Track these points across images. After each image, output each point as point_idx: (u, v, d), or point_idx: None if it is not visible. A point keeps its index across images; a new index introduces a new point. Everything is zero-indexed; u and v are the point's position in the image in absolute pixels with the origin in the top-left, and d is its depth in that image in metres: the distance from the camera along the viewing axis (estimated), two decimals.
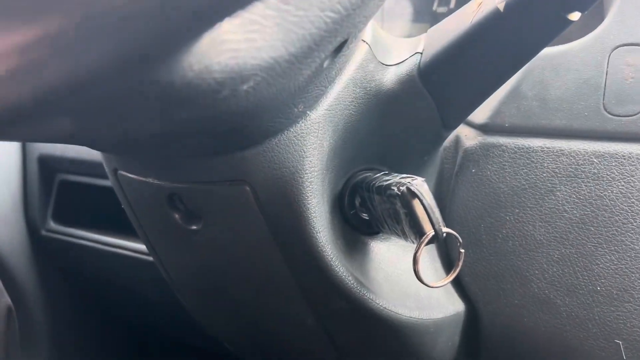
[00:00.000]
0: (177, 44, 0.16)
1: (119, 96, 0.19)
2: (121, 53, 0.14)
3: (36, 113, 0.18)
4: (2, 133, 0.23)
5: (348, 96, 0.37)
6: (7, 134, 0.24)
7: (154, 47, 0.15)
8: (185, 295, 0.52)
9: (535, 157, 0.42)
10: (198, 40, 0.19)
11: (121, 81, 0.17)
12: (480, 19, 0.35)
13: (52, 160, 0.83)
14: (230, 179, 0.36)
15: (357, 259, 0.41)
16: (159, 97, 0.21)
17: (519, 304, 0.43)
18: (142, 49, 0.15)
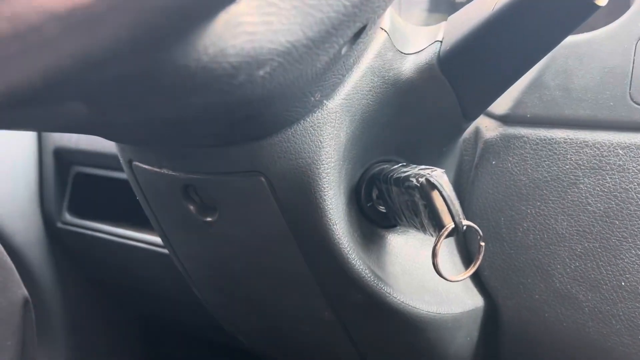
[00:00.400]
0: (191, 23, 0.15)
1: (133, 79, 0.19)
2: (134, 32, 0.14)
3: (48, 95, 0.18)
4: (15, 119, 0.23)
5: (366, 85, 0.36)
6: (20, 120, 0.24)
7: (167, 26, 0.14)
8: (200, 287, 0.52)
9: (558, 148, 0.41)
10: (213, 21, 0.18)
11: (135, 62, 0.16)
12: (503, 5, 0.34)
13: (68, 153, 0.83)
14: (245, 169, 0.36)
15: (374, 252, 0.41)
16: (174, 81, 0.20)
17: (539, 299, 0.42)
18: (155, 28, 0.14)
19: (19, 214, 0.83)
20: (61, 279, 0.88)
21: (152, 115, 0.26)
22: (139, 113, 0.25)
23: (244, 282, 0.46)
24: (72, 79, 0.15)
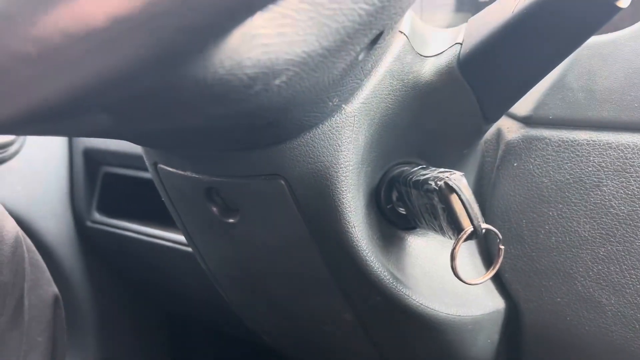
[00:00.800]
0: (206, 41, 0.16)
1: (153, 92, 0.20)
2: (154, 51, 0.14)
3: (74, 110, 0.19)
4: (41, 129, 0.24)
5: (385, 89, 0.37)
6: (46, 130, 0.25)
7: (183, 44, 0.15)
8: (224, 287, 0.53)
9: (581, 150, 0.40)
10: (228, 36, 0.19)
11: (154, 78, 0.17)
12: (523, 7, 0.34)
13: (97, 153, 0.86)
14: (265, 173, 0.36)
15: (394, 255, 0.41)
16: (192, 93, 0.21)
17: (561, 302, 0.42)
18: (172, 46, 0.15)
19: (51, 213, 0.86)
20: (91, 276, 0.90)
21: (173, 124, 0.26)
22: (160, 123, 0.25)
23: (265, 283, 0.47)
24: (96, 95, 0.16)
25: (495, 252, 0.43)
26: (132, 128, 0.28)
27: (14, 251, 0.60)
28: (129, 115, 0.23)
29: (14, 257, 0.59)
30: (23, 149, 0.81)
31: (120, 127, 0.26)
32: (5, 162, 0.79)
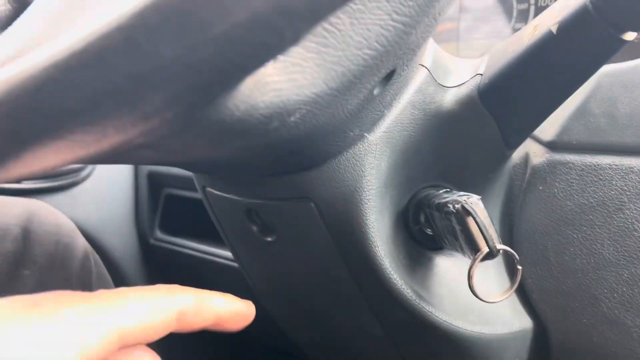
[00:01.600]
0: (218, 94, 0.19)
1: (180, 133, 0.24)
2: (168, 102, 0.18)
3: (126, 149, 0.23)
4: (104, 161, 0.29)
5: (406, 118, 0.39)
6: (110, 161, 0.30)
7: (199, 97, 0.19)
8: (265, 300, 0.57)
9: (604, 174, 0.41)
10: (241, 85, 0.23)
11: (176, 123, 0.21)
12: (535, 41, 0.36)
13: (159, 176, 0.92)
14: (297, 196, 0.40)
15: (420, 273, 0.43)
16: (215, 132, 0.24)
17: (588, 323, 0.43)
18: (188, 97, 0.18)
19: (117, 231, 0.93)
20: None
21: (207, 156, 0.31)
22: (195, 155, 0.30)
23: (302, 297, 0.50)
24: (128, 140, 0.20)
25: (525, 272, 0.45)
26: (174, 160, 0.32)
27: (83, 265, 0.66)
28: (168, 150, 0.27)
29: (82, 271, 0.66)
30: (94, 172, 0.89)
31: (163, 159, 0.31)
32: (78, 184, 0.87)
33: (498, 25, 0.62)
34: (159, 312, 0.27)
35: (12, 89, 0.18)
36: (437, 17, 0.30)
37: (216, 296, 0.32)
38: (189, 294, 0.30)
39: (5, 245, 0.60)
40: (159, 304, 0.28)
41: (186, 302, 0.29)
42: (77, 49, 0.17)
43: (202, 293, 0.31)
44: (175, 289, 0.29)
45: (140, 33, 0.16)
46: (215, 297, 0.32)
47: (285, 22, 0.17)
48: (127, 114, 0.18)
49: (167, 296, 0.28)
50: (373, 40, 0.27)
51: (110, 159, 0.29)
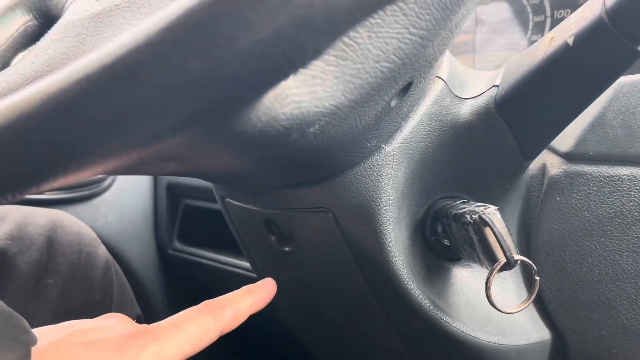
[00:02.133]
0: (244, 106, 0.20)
1: (203, 144, 0.24)
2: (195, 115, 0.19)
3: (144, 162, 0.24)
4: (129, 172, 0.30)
5: (423, 129, 0.40)
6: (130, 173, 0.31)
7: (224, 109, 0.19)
8: (284, 310, 0.57)
9: (622, 185, 0.41)
10: (263, 97, 0.23)
11: (200, 134, 0.22)
12: (551, 53, 0.37)
13: (178, 187, 0.94)
14: (314, 206, 0.40)
15: (437, 284, 0.43)
16: (237, 143, 0.25)
17: (607, 335, 0.42)
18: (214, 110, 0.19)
19: (137, 241, 0.95)
20: (170, 299, 0.98)
21: (228, 166, 0.31)
22: (217, 165, 0.30)
23: (319, 307, 0.51)
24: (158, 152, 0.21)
25: (543, 283, 0.45)
26: (196, 171, 0.33)
27: (104, 274, 0.67)
28: (192, 162, 0.28)
29: (104, 279, 0.67)
30: (115, 183, 0.91)
31: (187, 170, 0.32)
32: (100, 195, 0.88)
33: (514, 37, 0.62)
34: (206, 335, 0.35)
35: (45, 101, 0.19)
36: (453, 30, 0.31)
37: (246, 297, 0.39)
38: (228, 310, 0.37)
39: (31, 254, 0.61)
40: (207, 328, 0.35)
41: (226, 320, 0.37)
42: (107, 63, 0.18)
43: (236, 302, 0.38)
44: (216, 311, 0.36)
45: (169, 48, 0.17)
46: (245, 299, 0.38)
47: (307, 37, 0.17)
48: (155, 126, 0.18)
49: (212, 320, 0.36)
50: (391, 53, 0.27)
51: (135, 170, 0.30)
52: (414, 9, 0.27)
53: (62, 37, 0.36)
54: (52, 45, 0.36)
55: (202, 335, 0.35)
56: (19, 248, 0.61)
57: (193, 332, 0.35)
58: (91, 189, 0.87)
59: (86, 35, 0.33)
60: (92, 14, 0.35)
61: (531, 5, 0.65)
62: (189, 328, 0.35)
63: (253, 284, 0.41)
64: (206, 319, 0.36)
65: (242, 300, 0.39)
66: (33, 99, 0.19)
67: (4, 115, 0.20)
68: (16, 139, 0.20)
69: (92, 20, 0.34)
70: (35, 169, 0.20)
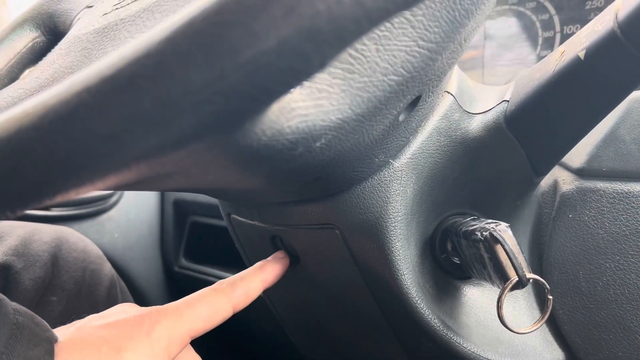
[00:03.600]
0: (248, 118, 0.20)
1: (207, 160, 0.24)
2: (197, 128, 0.18)
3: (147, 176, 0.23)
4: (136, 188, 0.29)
5: (432, 145, 0.39)
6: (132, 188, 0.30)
7: (227, 122, 0.19)
8: (290, 329, 0.56)
9: (636, 202, 0.40)
10: (268, 110, 0.23)
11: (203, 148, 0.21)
12: (562, 67, 0.36)
13: (185, 204, 0.93)
14: (321, 222, 0.40)
15: (447, 303, 0.42)
16: (242, 157, 0.25)
17: (622, 357, 0.41)
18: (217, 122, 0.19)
19: (143, 259, 0.94)
20: None
21: (234, 182, 0.31)
22: (223, 181, 0.30)
23: (326, 326, 0.50)
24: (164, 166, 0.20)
25: (556, 303, 0.44)
26: (201, 187, 0.33)
27: (109, 292, 0.67)
28: (196, 177, 0.28)
29: (108, 297, 0.66)
30: (121, 200, 0.90)
31: (191, 185, 0.31)
32: (106, 212, 0.88)
33: (523, 52, 0.62)
34: (218, 313, 0.37)
35: (44, 114, 0.18)
36: (462, 44, 0.30)
37: (257, 274, 0.41)
38: (239, 289, 0.39)
39: (35, 271, 0.61)
40: (218, 305, 0.37)
41: (238, 298, 0.38)
42: (108, 74, 0.17)
43: (247, 281, 0.40)
44: (228, 289, 0.38)
45: (170, 59, 0.17)
46: (256, 277, 0.41)
47: (312, 48, 0.17)
48: (156, 139, 0.18)
49: (224, 298, 0.38)
50: (399, 67, 0.27)
51: (137, 186, 0.30)
52: (422, 22, 0.27)
53: (68, 52, 0.36)
54: (57, 60, 0.36)
55: (214, 313, 0.37)
56: (23, 264, 0.61)
57: (205, 310, 0.37)
58: (97, 206, 0.86)
59: (91, 49, 0.33)
60: (97, 28, 0.35)
61: (540, 21, 0.64)
62: (201, 306, 0.37)
63: (264, 260, 0.43)
64: (218, 297, 0.38)
65: (253, 278, 0.41)
66: (32, 112, 0.19)
67: (3, 128, 0.20)
68: (15, 152, 0.19)
69: (98, 34, 0.34)
70: (35, 184, 0.20)
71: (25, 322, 0.31)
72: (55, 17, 0.50)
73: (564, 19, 0.62)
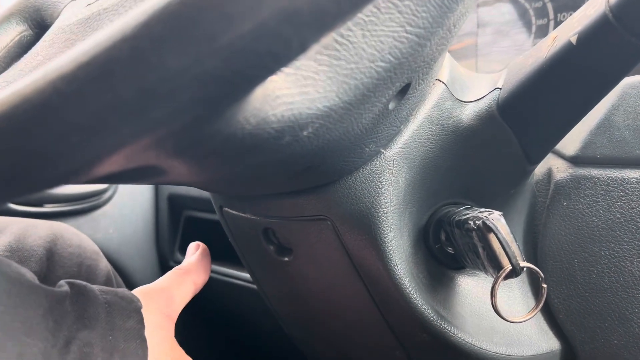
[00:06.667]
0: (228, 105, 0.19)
1: (190, 148, 0.23)
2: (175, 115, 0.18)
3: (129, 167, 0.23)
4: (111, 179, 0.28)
5: (424, 134, 0.39)
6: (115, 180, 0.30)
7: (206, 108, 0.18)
8: (284, 322, 0.56)
9: (631, 189, 0.40)
10: (251, 97, 0.22)
11: (186, 137, 0.21)
12: (554, 53, 0.35)
13: (180, 199, 0.93)
14: (313, 214, 0.39)
15: (441, 293, 0.42)
16: (227, 146, 0.24)
17: (618, 344, 0.41)
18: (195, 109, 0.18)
19: (138, 254, 0.94)
20: None
21: (220, 172, 0.30)
22: (209, 171, 0.29)
23: (320, 318, 0.49)
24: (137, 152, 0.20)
25: (552, 292, 0.44)
26: (189, 179, 0.32)
27: None
28: (183, 168, 0.27)
29: None
30: (115, 196, 0.90)
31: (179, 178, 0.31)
32: (100, 208, 0.87)
33: (518, 39, 0.61)
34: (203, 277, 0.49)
35: (18, 103, 0.18)
36: (451, 29, 0.30)
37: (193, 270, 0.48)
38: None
39: (30, 266, 0.60)
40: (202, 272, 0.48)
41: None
42: (82, 61, 0.17)
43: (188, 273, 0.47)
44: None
45: (146, 44, 0.16)
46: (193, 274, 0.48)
47: (291, 31, 0.16)
48: (132, 127, 0.17)
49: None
50: (386, 53, 0.26)
51: (120, 177, 0.29)
52: (409, 6, 0.26)
53: (52, 44, 0.35)
54: (41, 52, 0.36)
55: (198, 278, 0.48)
56: (17, 260, 0.60)
57: (196, 273, 0.48)
58: (92, 202, 0.86)
59: (74, 40, 0.33)
60: (81, 19, 0.34)
61: (534, 8, 0.64)
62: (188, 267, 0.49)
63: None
64: (196, 270, 0.48)
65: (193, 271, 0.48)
66: (6, 101, 0.19)
67: None
68: None
69: (81, 25, 0.34)
70: (10, 176, 0.19)
71: (113, 299, 0.35)
72: (42, 11, 0.49)
73: (557, 6, 0.61)
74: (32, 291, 0.31)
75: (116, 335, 0.33)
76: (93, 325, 0.32)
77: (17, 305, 0.29)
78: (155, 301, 0.40)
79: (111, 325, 0.33)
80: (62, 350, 0.29)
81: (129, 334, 0.33)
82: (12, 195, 0.21)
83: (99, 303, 0.34)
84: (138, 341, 0.34)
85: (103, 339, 0.32)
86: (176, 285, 0.44)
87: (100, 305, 0.34)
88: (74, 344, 0.30)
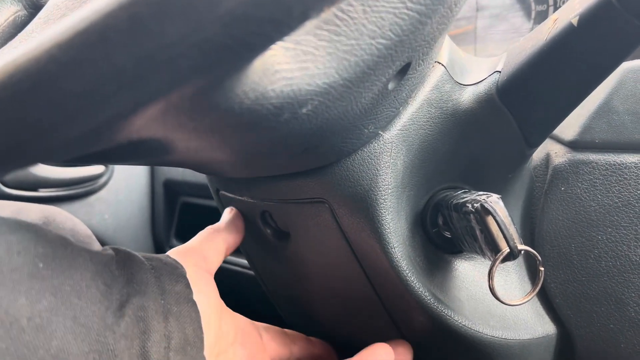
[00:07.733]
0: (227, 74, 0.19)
1: (188, 124, 0.23)
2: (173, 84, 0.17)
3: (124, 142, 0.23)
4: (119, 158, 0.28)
5: (423, 116, 0.38)
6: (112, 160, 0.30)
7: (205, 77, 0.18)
8: (281, 307, 0.56)
9: (629, 173, 0.40)
10: (249, 70, 0.22)
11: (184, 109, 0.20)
12: (555, 35, 0.35)
13: (176, 184, 0.92)
14: (310, 197, 0.39)
15: (438, 277, 0.42)
16: (225, 122, 0.24)
17: (614, 329, 0.41)
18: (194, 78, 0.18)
19: (134, 240, 0.93)
20: None
21: (219, 151, 0.30)
22: (208, 150, 0.29)
23: (317, 302, 0.49)
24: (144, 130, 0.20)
25: (548, 276, 0.44)
26: (185, 158, 0.32)
27: None
28: (180, 146, 0.27)
29: None
30: (111, 181, 0.89)
31: (176, 158, 0.30)
32: (96, 193, 0.87)
33: (516, 23, 0.61)
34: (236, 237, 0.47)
35: (15, 71, 0.17)
36: (452, 8, 0.29)
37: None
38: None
39: None
40: (234, 232, 0.47)
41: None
42: (80, 28, 0.17)
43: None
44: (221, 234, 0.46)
45: (144, 11, 0.16)
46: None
47: None
48: (131, 96, 0.17)
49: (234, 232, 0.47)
50: (387, 29, 0.26)
51: (119, 156, 0.29)
52: None
53: (47, 20, 0.35)
54: (36, 29, 0.35)
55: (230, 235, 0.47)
56: None
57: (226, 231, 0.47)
58: (87, 187, 0.85)
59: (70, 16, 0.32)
60: None
61: None
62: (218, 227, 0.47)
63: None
64: (228, 231, 0.47)
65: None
66: (1, 71, 0.18)
67: None
68: None
69: (77, 0, 0.33)
70: (4, 147, 0.19)
71: (158, 265, 0.35)
72: None
73: None
74: (78, 254, 0.30)
75: (168, 299, 0.33)
76: (144, 290, 0.32)
77: (64, 269, 0.28)
78: (192, 258, 0.40)
79: (162, 290, 0.33)
80: (116, 313, 0.29)
81: (180, 297, 0.34)
82: (7, 168, 0.21)
83: (146, 268, 0.34)
84: (189, 304, 0.34)
85: (156, 302, 0.32)
86: (207, 243, 0.44)
87: (147, 270, 0.34)
88: (128, 307, 0.30)
